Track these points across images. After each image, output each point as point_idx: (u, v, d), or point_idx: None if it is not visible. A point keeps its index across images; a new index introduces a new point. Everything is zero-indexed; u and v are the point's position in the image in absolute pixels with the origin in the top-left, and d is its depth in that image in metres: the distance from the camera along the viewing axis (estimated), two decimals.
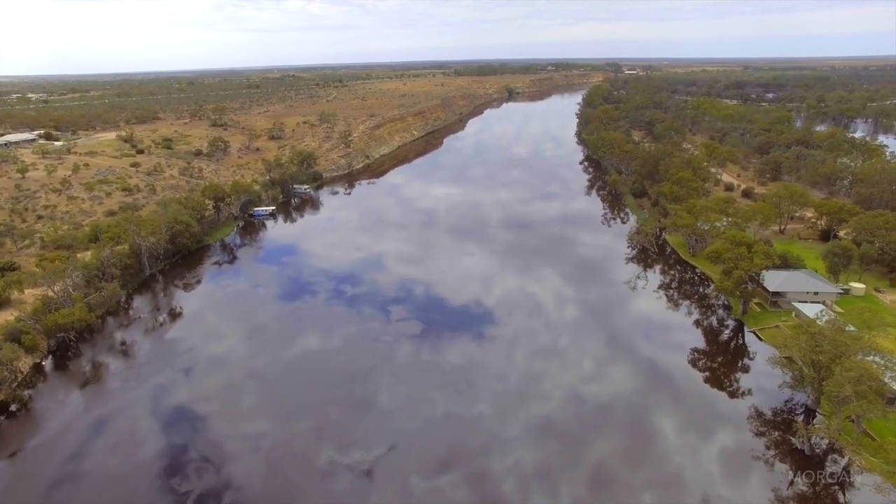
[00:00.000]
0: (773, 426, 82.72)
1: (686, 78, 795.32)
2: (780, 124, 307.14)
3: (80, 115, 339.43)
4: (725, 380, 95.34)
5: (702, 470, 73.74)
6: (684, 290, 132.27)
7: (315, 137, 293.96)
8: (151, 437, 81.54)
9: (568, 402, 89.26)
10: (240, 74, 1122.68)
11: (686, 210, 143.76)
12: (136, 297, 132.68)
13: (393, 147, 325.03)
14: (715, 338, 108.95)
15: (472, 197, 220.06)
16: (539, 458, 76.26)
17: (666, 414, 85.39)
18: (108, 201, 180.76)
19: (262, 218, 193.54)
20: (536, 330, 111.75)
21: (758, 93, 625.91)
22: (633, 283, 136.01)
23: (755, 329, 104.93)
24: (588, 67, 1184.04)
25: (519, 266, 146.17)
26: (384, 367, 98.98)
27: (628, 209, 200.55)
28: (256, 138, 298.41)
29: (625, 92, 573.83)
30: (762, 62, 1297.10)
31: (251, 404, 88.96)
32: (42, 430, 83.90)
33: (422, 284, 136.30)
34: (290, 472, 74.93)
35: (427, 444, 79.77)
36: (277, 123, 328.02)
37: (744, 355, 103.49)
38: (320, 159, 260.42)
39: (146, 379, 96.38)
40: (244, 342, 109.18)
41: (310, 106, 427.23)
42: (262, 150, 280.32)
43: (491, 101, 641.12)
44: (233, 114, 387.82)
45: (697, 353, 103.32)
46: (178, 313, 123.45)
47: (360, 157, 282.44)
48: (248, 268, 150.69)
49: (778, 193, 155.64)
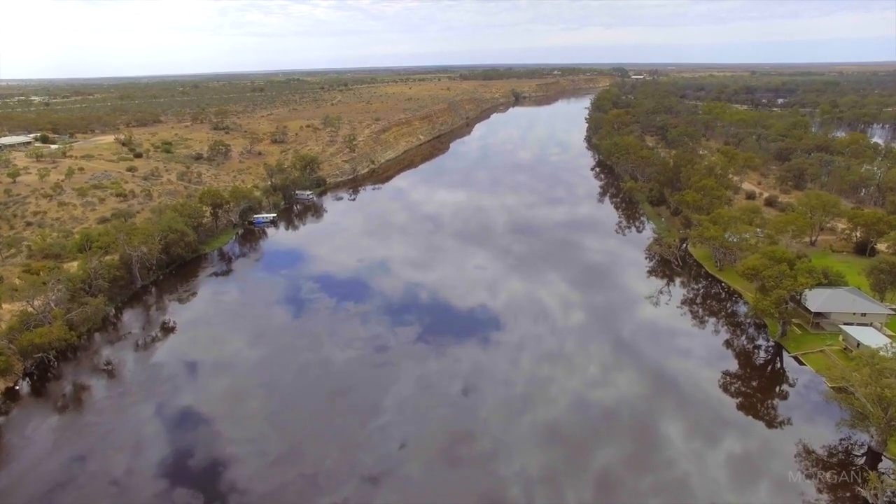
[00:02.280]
0: (825, 467, 73.39)
1: (693, 83, 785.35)
2: (797, 129, 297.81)
3: (79, 118, 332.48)
4: (763, 408, 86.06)
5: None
6: (712, 307, 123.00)
7: (319, 142, 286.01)
8: (131, 484, 72.58)
9: (592, 433, 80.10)
10: (244, 78, 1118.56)
11: (712, 221, 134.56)
12: (126, 312, 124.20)
13: (399, 152, 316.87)
14: (750, 361, 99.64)
15: (479, 201, 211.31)
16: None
17: (701, 444, 76.17)
18: (102, 207, 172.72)
19: (262, 225, 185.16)
20: (553, 351, 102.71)
21: (768, 98, 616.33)
22: (655, 298, 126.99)
23: (797, 354, 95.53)
24: (594, 72, 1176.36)
25: (532, 277, 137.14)
26: (391, 391, 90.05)
27: (645, 217, 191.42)
28: (259, 142, 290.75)
29: (633, 96, 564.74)
30: (767, 67, 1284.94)
31: (245, 437, 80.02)
32: (3, 473, 74.98)
33: (427, 296, 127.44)
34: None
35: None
36: (280, 127, 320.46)
37: (783, 381, 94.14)
38: (324, 164, 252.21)
39: (128, 409, 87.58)
40: (237, 362, 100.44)
41: (314, 110, 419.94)
42: (265, 154, 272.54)
43: (497, 106, 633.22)
44: (235, 117, 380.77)
45: (730, 377, 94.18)
46: (170, 329, 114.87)
47: (366, 162, 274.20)
48: (246, 279, 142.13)
49: (809, 203, 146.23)
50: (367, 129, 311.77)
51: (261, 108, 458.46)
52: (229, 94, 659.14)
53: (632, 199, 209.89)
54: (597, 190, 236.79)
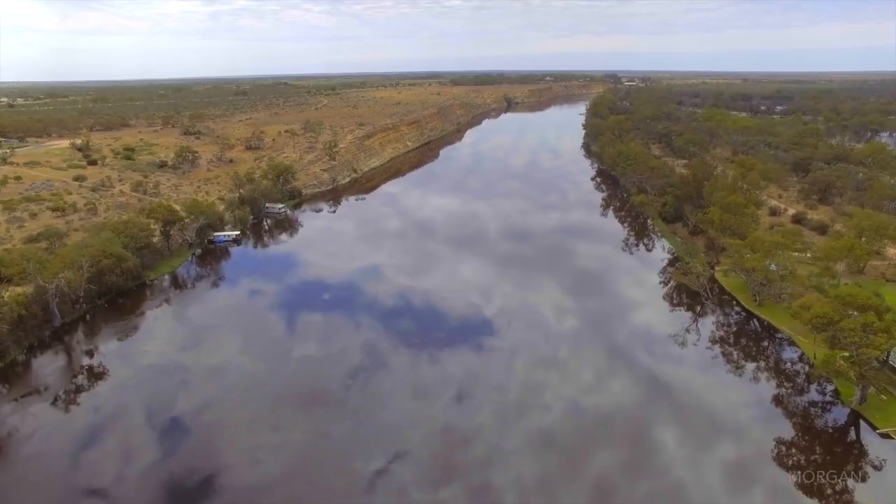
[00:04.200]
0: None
1: (687, 89, 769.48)
2: (810, 138, 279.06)
3: (36, 121, 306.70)
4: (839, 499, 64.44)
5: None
6: (752, 352, 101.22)
7: (296, 148, 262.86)
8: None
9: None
10: (235, 83, 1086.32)
11: (749, 246, 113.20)
12: (37, 357, 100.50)
13: (384, 159, 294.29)
14: (812, 428, 77.86)
15: (471, 207, 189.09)
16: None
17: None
18: (33, 224, 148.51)
19: (224, 244, 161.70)
20: (572, 405, 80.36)
21: (766, 105, 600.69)
22: (681, 338, 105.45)
23: (888, 430, 73.60)
24: (587, 78, 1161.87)
25: (539, 310, 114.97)
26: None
27: (657, 235, 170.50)
28: (231, 148, 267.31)
29: (628, 102, 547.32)
30: (757, 76, 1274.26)
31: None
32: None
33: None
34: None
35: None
36: (257, 132, 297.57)
37: (864, 460, 72.40)
38: (300, 173, 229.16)
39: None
40: (169, 429, 77.13)
41: (296, 114, 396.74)
42: (237, 161, 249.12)
43: (489, 111, 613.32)
44: (211, 121, 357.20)
45: (787, 447, 72.73)
46: (84, 384, 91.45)
47: (347, 171, 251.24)
48: (195, 312, 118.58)
49: (859, 224, 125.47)
50: (350, 134, 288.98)
51: (241, 112, 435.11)
52: (212, 97, 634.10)
53: (641, 213, 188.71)
54: (598, 202, 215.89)
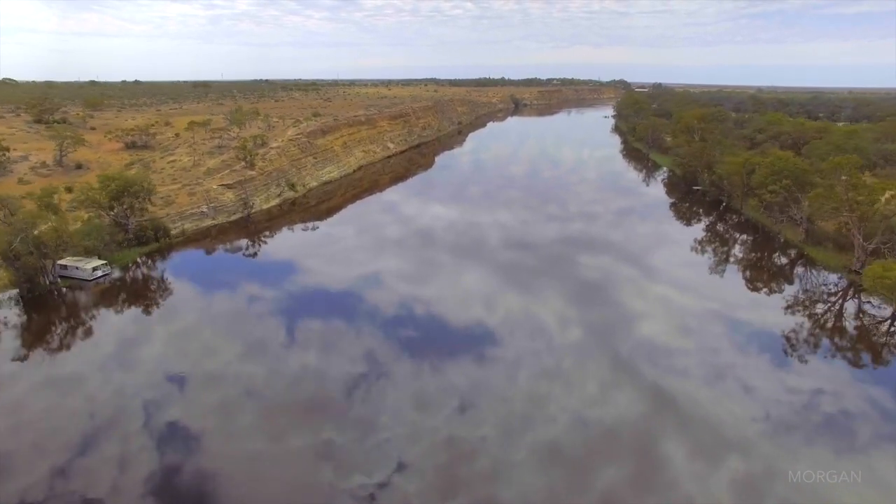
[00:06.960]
0: None
1: (705, 97, 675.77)
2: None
3: None
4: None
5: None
6: None
7: (197, 149, 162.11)
8: None
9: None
10: (231, 86, 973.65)
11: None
12: None
13: (347, 168, 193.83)
14: None
15: (515, 301, 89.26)
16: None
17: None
18: None
19: None
20: None
21: (824, 112, 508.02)
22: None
23: None
24: (596, 84, 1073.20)
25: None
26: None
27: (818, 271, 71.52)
28: (100, 147, 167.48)
29: (657, 105, 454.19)
30: (752, 90, 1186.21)
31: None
32: None
33: None
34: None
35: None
36: (161, 123, 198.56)
37: None
38: (180, 192, 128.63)
39: None
40: None
41: (243, 106, 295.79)
42: (95, 167, 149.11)
43: (494, 112, 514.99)
44: (114, 112, 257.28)
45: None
46: None
47: (274, 188, 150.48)
48: None
49: None
50: (292, 128, 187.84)
51: (175, 102, 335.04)
52: (166, 92, 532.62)
53: (797, 249, 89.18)
54: (687, 235, 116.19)
